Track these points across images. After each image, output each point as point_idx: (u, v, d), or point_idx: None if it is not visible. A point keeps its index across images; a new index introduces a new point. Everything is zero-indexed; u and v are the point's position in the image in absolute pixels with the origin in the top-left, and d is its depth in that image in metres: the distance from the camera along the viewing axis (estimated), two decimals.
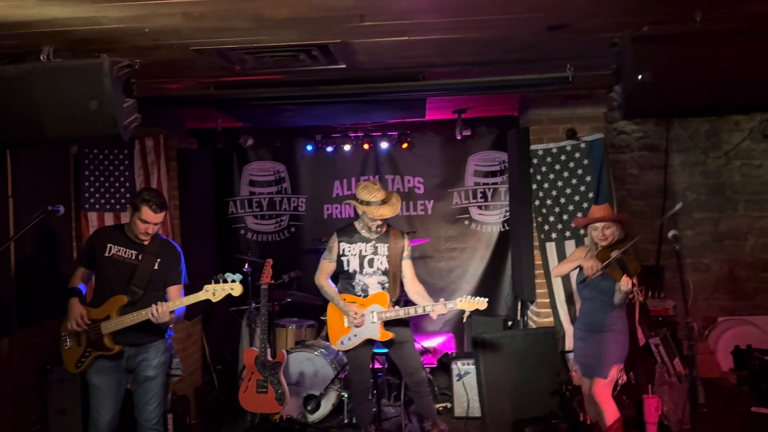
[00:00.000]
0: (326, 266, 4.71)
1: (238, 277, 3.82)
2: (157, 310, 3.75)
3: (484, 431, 5.40)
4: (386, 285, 4.59)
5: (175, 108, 4.93)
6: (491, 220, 7.01)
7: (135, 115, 3.49)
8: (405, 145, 6.80)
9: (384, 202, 4.45)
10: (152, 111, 5.48)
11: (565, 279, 5.56)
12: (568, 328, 5.56)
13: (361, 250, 4.59)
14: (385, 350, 5.05)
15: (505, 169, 6.93)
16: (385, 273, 4.57)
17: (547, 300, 5.70)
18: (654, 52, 3.07)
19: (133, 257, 3.98)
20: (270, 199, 7.14)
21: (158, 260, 4.00)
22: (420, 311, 4.45)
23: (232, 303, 6.00)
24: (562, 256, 5.58)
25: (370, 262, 4.58)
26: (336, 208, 7.17)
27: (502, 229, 6.96)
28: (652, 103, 3.15)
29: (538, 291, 5.75)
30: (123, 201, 5.64)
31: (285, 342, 6.02)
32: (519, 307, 6.41)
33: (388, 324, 4.55)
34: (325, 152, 6.94)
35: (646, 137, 7.21)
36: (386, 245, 4.58)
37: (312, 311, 6.42)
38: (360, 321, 4.49)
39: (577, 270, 4.59)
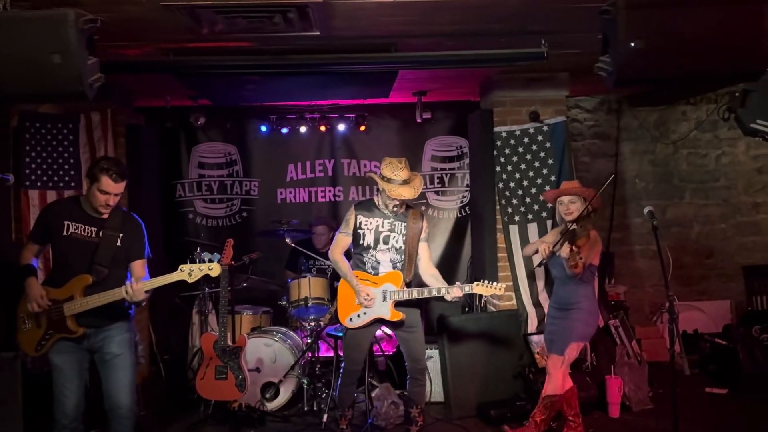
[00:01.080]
0: (342, 240, 4.54)
1: (216, 257, 3.60)
2: (132, 287, 3.50)
3: (447, 415, 5.32)
4: (398, 264, 4.46)
5: (132, 74, 4.60)
6: (448, 206, 6.96)
7: (98, 74, 3.22)
8: (363, 128, 6.66)
9: (406, 182, 4.31)
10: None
11: (528, 261, 5.55)
12: (531, 311, 5.55)
13: (377, 226, 4.44)
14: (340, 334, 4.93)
15: (462, 154, 6.89)
16: (398, 252, 4.44)
17: (510, 283, 5.67)
18: (647, 18, 3.04)
19: (93, 234, 3.69)
20: (221, 182, 6.85)
21: (120, 235, 3.71)
22: (434, 293, 4.35)
23: (181, 290, 5.71)
24: (524, 239, 5.57)
25: (386, 239, 4.44)
26: (290, 192, 6.95)
27: (459, 215, 6.93)
28: (643, 70, 3.12)
29: (500, 274, 5.71)
30: (67, 179, 5.27)
31: (240, 329, 5.76)
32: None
33: (399, 306, 4.42)
34: (280, 134, 6.71)
35: (598, 126, 7.33)
36: (404, 224, 4.45)
37: (267, 297, 6.19)
38: (370, 303, 4.35)
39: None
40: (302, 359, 5.46)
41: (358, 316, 4.45)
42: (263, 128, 6.69)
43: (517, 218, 5.65)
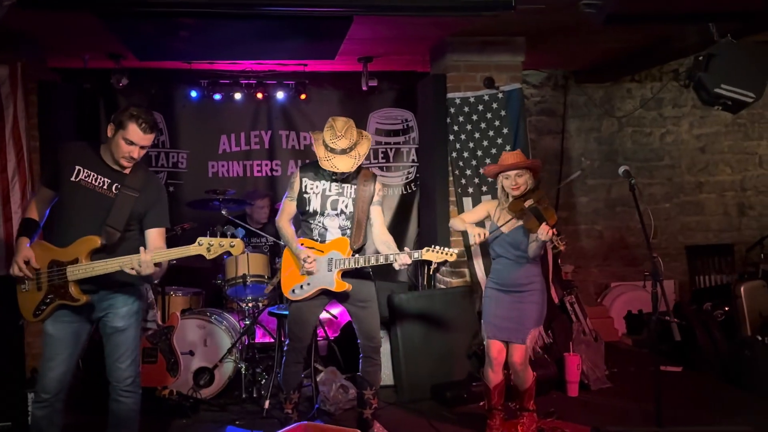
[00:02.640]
0: (288, 206, 4.04)
1: (240, 232, 3.11)
2: (140, 261, 3.06)
3: (399, 399, 4.95)
4: (348, 231, 3.99)
5: (50, 10, 3.97)
6: (393, 182, 6.58)
7: None
8: (303, 96, 6.19)
9: (345, 152, 3.83)
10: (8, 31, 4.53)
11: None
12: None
13: (324, 189, 3.96)
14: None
15: (408, 128, 6.54)
16: (349, 218, 3.98)
17: (463, 259, 5.36)
18: None
19: (106, 187, 3.20)
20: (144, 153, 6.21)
21: (140, 194, 3.24)
22: (382, 260, 3.88)
23: None
24: None
25: (334, 204, 3.96)
26: (222, 165, 6.40)
27: (405, 192, 6.57)
28: (634, 6, 2.84)
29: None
30: None
31: (168, 313, 5.19)
32: (426, 271, 6.01)
33: (350, 277, 3.96)
34: (212, 101, 6.15)
35: (544, 102, 7.15)
36: (354, 187, 3.98)
37: (198, 276, 5.65)
38: (311, 266, 3.87)
39: (490, 223, 4.22)
40: (239, 343, 4.97)
41: (302, 287, 3.98)
42: (193, 94, 6.11)
43: (470, 190, 5.34)
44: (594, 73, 6.90)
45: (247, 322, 5.03)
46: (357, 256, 3.95)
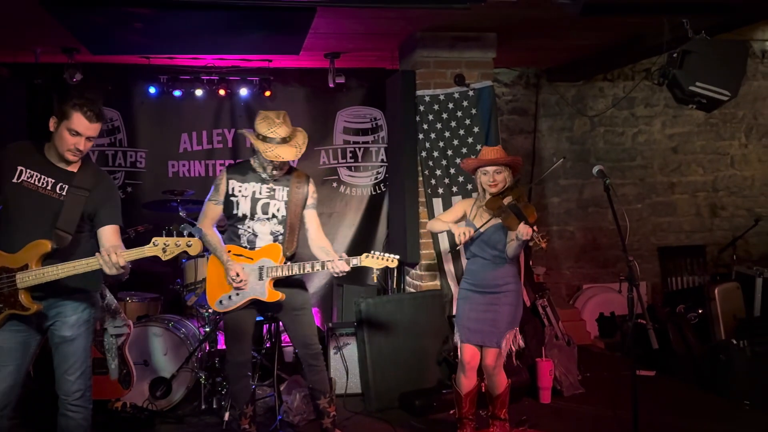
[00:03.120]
0: (211, 209, 3.78)
1: (198, 231, 2.89)
2: (112, 255, 2.82)
3: (366, 408, 4.75)
4: (280, 237, 3.76)
5: None
6: (361, 183, 6.40)
7: None
8: (268, 93, 5.96)
9: (285, 140, 3.63)
10: None
11: (453, 237, 5.06)
12: (456, 291, 5.07)
13: (254, 192, 3.72)
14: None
15: (376, 127, 6.37)
16: (281, 222, 3.75)
17: (433, 261, 5.19)
18: None
19: (50, 187, 2.99)
20: (101, 152, 5.94)
21: (90, 193, 3.03)
22: (318, 267, 3.66)
23: None
24: None
25: (264, 207, 3.72)
26: (183, 165, 6.15)
27: (374, 192, 6.39)
28: None
29: (422, 252, 5.22)
30: None
31: None
32: (395, 274, 5.84)
33: (281, 285, 3.74)
34: (172, 98, 5.89)
35: (516, 101, 7.02)
36: (286, 189, 3.75)
37: (155, 281, 5.39)
38: (241, 285, 3.65)
39: (465, 222, 4.06)
40: (199, 351, 4.73)
41: (230, 297, 3.73)
42: (152, 90, 5.84)
43: (441, 190, 5.17)
44: (566, 72, 6.78)
45: (208, 329, 4.79)
46: (290, 263, 3.73)
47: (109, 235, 3.09)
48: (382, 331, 4.84)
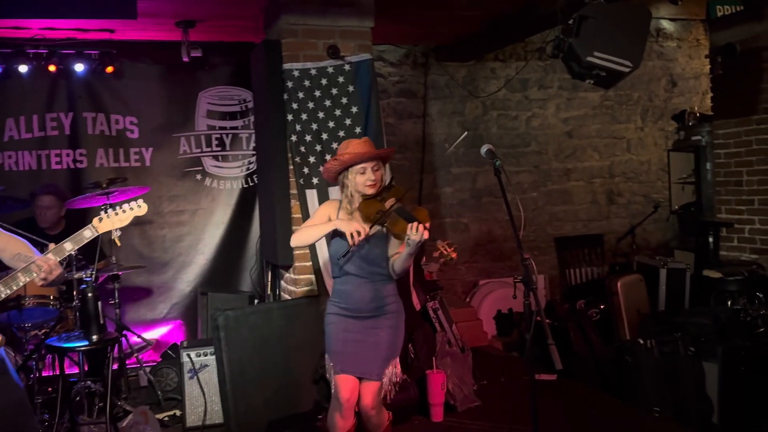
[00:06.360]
0: None
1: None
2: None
3: None
4: None
5: None
6: (231, 174, 5.61)
7: None
8: (110, 69, 5.05)
9: None
10: None
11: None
12: None
13: None
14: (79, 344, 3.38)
15: (246, 110, 5.60)
16: None
17: (309, 263, 4.48)
18: None
19: None
20: None
21: None
22: (17, 283, 2.56)
23: None
24: None
25: None
26: (10, 156, 5.13)
27: (246, 185, 5.62)
28: None
29: (296, 253, 4.49)
30: None
31: None
32: (269, 278, 5.08)
33: None
34: None
35: (404, 82, 6.41)
36: None
37: None
38: None
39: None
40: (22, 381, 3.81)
41: None
42: None
43: (315, 181, 4.45)
44: (456, 51, 6.24)
45: (26, 356, 3.88)
46: None
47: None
48: (246, 348, 4.07)
